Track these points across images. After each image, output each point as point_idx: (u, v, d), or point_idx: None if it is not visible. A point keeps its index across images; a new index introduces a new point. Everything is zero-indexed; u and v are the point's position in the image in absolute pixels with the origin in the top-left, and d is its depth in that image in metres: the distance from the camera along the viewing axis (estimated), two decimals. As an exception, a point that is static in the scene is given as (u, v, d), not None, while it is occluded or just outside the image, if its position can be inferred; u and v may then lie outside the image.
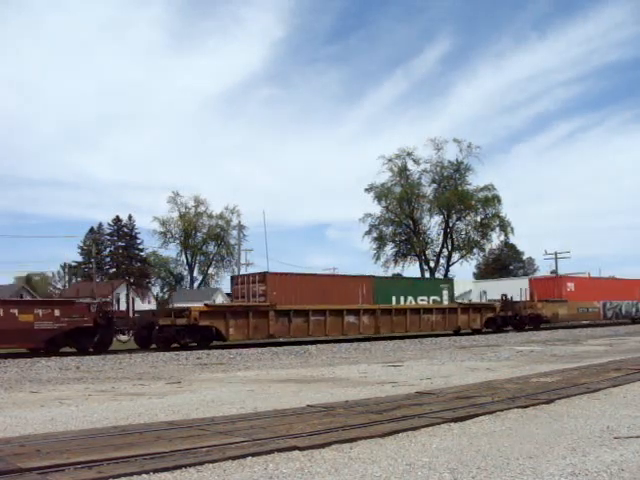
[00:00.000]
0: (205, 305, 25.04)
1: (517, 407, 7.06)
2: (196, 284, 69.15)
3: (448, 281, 36.53)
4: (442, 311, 31.75)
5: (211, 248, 59.75)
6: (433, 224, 54.31)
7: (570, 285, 40.34)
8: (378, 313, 28.49)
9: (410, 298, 31.30)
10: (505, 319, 34.79)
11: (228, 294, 34.78)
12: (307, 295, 26.68)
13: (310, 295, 26.75)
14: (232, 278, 29.96)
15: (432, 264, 53.15)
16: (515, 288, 38.22)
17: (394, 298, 30.36)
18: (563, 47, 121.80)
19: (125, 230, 73.24)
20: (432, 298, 32.30)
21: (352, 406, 7.34)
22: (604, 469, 4.37)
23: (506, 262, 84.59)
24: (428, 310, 31.18)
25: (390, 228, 53.92)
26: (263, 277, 26.58)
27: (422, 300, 31.80)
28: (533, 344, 22.58)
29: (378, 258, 53.30)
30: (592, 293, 41.24)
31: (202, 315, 23.04)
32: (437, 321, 31.11)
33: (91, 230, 73.66)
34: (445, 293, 33.11)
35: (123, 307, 23.64)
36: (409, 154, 52.88)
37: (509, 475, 4.24)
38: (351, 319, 27.44)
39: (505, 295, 36.11)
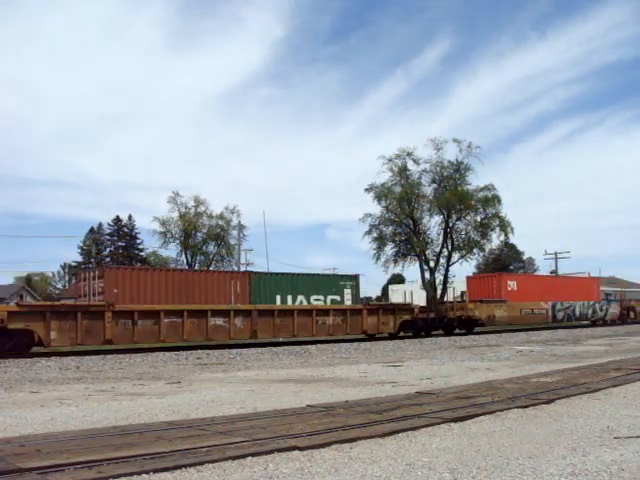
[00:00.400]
0: (16, 305, 21.44)
1: (517, 407, 7.06)
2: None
3: (352, 278, 30.78)
4: (342, 313, 27.42)
5: (211, 248, 59.45)
6: (433, 224, 54.13)
7: (511, 284, 36.39)
8: (255, 315, 24.57)
9: (301, 297, 27.28)
10: (427, 322, 31.31)
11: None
12: (161, 293, 23.51)
13: (165, 293, 23.61)
14: (75, 275, 25.70)
15: (432, 264, 53.17)
16: None
17: (279, 297, 26.60)
18: (563, 47, 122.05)
19: (125, 230, 73.20)
20: (330, 297, 28.20)
21: (352, 406, 7.34)
22: (604, 469, 4.37)
23: (506, 262, 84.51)
24: (323, 311, 26.89)
25: (390, 228, 53.77)
26: (102, 272, 23.41)
27: (317, 300, 27.73)
28: (533, 344, 22.60)
29: (378, 258, 53.31)
30: (539, 293, 37.36)
31: (13, 316, 19.43)
32: (336, 324, 26.95)
33: (91, 230, 73.63)
34: (348, 292, 28.93)
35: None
36: (409, 154, 52.70)
37: (509, 475, 4.24)
38: (218, 322, 23.65)
39: (434, 295, 33.76)
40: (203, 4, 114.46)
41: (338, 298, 28.61)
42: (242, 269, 53.15)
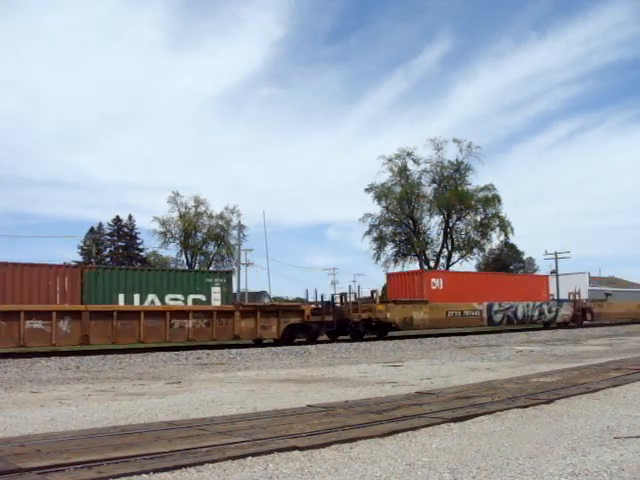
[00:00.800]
0: None
1: (517, 407, 7.06)
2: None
3: (222, 275, 25.85)
4: (207, 314, 23.39)
5: (211, 248, 59.73)
6: (433, 224, 54.47)
7: (436, 282, 31.65)
8: (86, 317, 20.78)
9: (152, 297, 23.19)
10: (323, 325, 26.50)
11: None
12: None
13: None
14: None
15: (432, 264, 53.25)
16: None
17: (122, 296, 22.59)
18: (563, 47, 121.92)
19: (125, 230, 73.19)
20: (193, 297, 24.10)
21: (352, 406, 7.34)
22: (604, 469, 4.37)
23: (506, 262, 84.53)
24: (181, 313, 22.83)
25: (390, 228, 54.06)
26: None
27: (175, 300, 23.68)
28: (533, 344, 22.61)
29: (378, 258, 53.53)
30: (471, 292, 32.71)
31: None
32: (198, 328, 23.00)
33: (91, 230, 73.57)
34: (217, 291, 24.70)
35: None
36: (409, 154, 53.00)
37: (509, 475, 4.24)
38: (36, 325, 19.92)
39: (344, 294, 29.00)
40: (203, 4, 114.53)
41: (203, 298, 24.33)
42: (242, 269, 53.18)
